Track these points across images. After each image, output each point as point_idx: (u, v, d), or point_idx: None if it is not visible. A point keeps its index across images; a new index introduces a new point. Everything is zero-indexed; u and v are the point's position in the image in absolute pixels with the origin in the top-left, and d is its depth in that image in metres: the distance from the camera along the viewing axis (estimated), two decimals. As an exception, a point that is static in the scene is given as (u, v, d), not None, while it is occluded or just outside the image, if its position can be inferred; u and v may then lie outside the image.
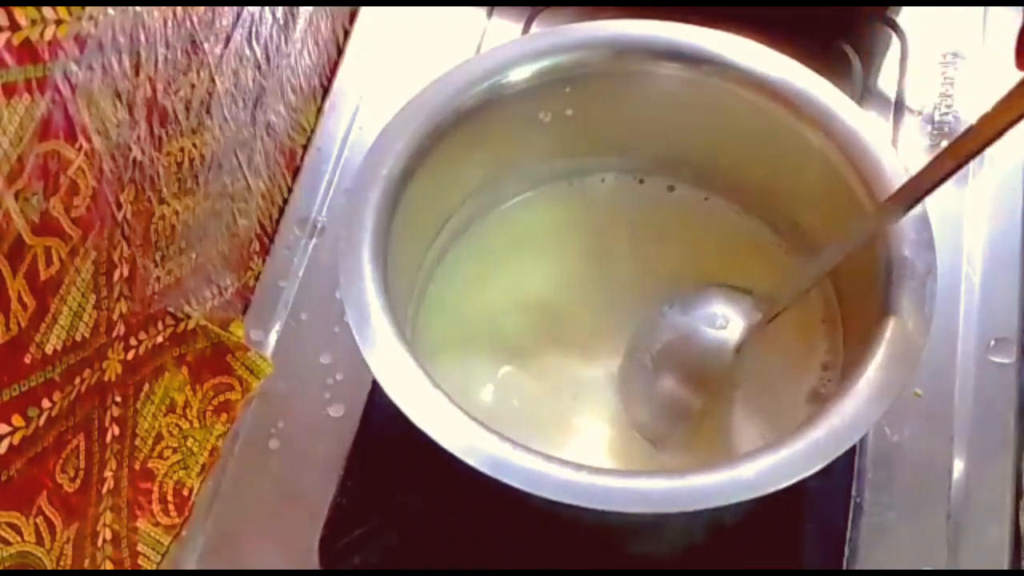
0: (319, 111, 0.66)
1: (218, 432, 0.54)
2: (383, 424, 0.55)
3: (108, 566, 0.49)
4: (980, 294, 0.57)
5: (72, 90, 0.38)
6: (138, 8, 0.42)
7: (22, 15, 0.34)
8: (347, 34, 0.68)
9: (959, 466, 0.53)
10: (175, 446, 0.53)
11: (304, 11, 0.61)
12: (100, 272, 0.43)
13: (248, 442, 0.56)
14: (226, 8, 0.50)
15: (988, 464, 0.53)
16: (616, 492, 0.40)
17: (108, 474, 0.48)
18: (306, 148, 0.64)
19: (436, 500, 0.53)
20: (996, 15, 0.66)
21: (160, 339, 0.50)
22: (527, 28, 0.67)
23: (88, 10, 0.38)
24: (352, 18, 0.69)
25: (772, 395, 0.51)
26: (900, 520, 0.52)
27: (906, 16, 0.67)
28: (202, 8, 0.48)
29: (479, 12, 0.69)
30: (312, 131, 0.65)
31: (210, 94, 0.50)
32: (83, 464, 0.45)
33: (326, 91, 0.66)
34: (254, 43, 0.54)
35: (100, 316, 0.43)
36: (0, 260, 0.36)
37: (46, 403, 0.41)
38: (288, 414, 0.56)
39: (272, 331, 0.59)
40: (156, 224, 0.47)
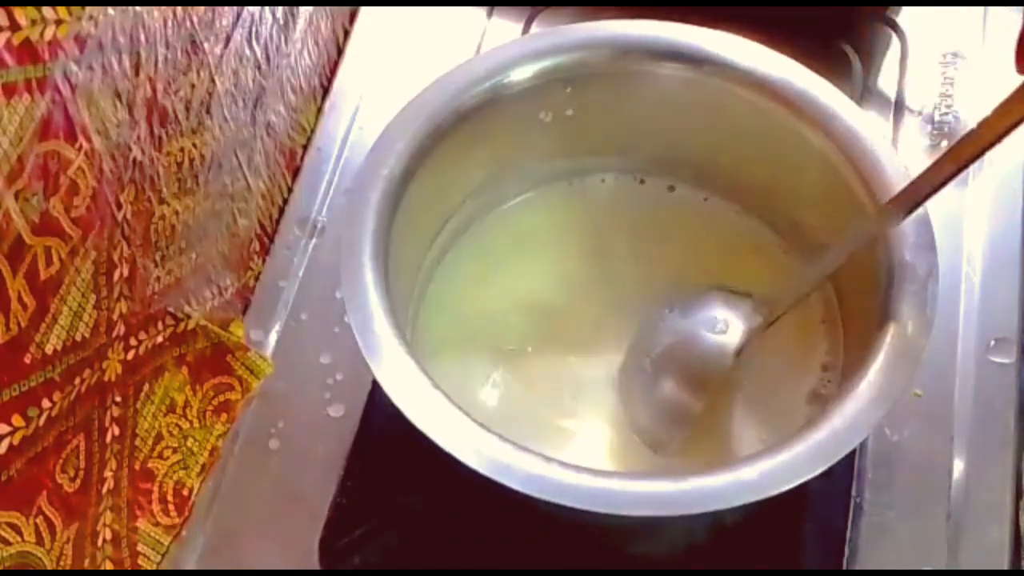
0: (319, 111, 0.66)
1: (218, 432, 0.54)
2: (383, 424, 0.55)
3: (108, 566, 0.49)
4: (980, 294, 0.57)
5: (72, 90, 0.38)
6: (138, 8, 0.42)
7: (22, 15, 0.34)
8: (347, 34, 0.68)
9: (959, 466, 0.53)
10: (175, 446, 0.53)
11: (304, 11, 0.61)
12: (100, 272, 0.43)
13: (248, 442, 0.56)
14: (226, 8, 0.50)
15: (988, 464, 0.53)
16: (617, 495, 0.40)
17: (108, 474, 0.48)
18: (306, 148, 0.64)
19: (436, 500, 0.53)
20: (996, 15, 0.66)
21: (160, 339, 0.50)
22: (527, 28, 0.67)
23: (88, 10, 0.38)
24: (352, 18, 0.69)
25: (772, 396, 0.51)
26: (900, 520, 0.52)
27: (906, 16, 0.66)
28: (202, 8, 0.48)
29: (479, 12, 0.69)
30: (312, 131, 0.65)
31: (210, 94, 0.50)
32: (83, 464, 0.45)
33: (326, 91, 0.66)
34: (254, 43, 0.54)
35: (100, 316, 0.43)
36: (0, 260, 0.36)
37: (46, 403, 0.41)
38: (288, 414, 0.56)
39: (272, 331, 0.59)
40: (156, 224, 0.47)
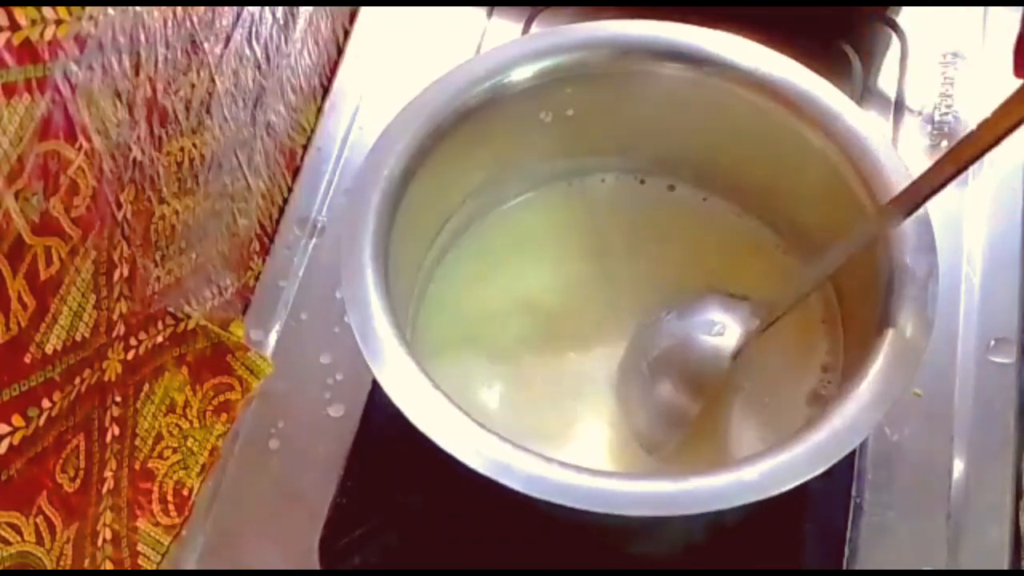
0: (319, 111, 0.66)
1: (218, 432, 0.54)
2: (383, 424, 0.55)
3: (108, 566, 0.49)
4: (980, 294, 0.57)
5: (72, 90, 0.38)
6: (138, 8, 0.42)
7: (22, 15, 0.34)
8: (347, 34, 0.68)
9: (959, 466, 0.53)
10: (175, 446, 0.53)
11: (304, 11, 0.61)
12: (100, 272, 0.43)
13: (248, 442, 0.56)
14: (226, 8, 0.50)
15: (988, 464, 0.53)
16: (617, 495, 0.40)
17: (108, 474, 0.48)
18: (306, 148, 0.64)
19: (436, 500, 0.53)
20: (996, 15, 0.66)
21: (160, 339, 0.50)
22: (527, 28, 0.67)
23: (88, 10, 0.38)
24: (352, 18, 0.69)
25: (772, 397, 0.51)
26: (900, 520, 0.52)
27: (906, 16, 0.67)
28: (202, 8, 0.48)
29: (479, 12, 0.69)
30: (312, 131, 0.65)
31: (210, 94, 0.50)
32: (83, 464, 0.45)
33: (326, 91, 0.66)
34: (254, 43, 0.54)
35: (100, 316, 0.43)
36: (0, 260, 0.36)
37: (46, 403, 0.41)
38: (288, 414, 0.56)
39: (272, 331, 0.59)
40: (156, 224, 0.47)
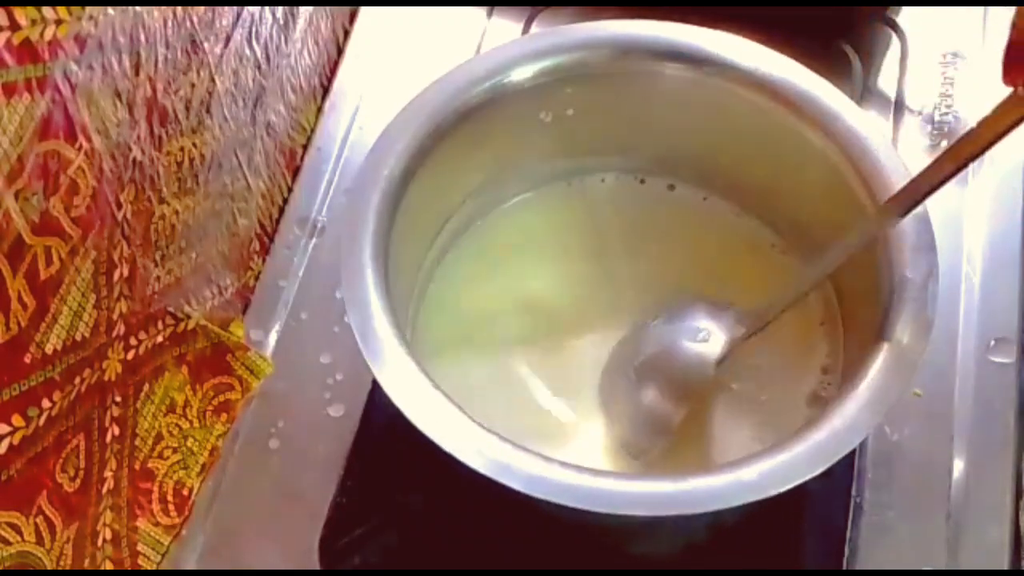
0: (319, 111, 0.66)
1: (218, 432, 0.54)
2: (383, 424, 0.55)
3: (108, 566, 0.49)
4: (980, 294, 0.57)
5: (72, 90, 0.38)
6: (138, 8, 0.42)
7: (22, 15, 0.34)
8: (347, 34, 0.68)
9: (959, 466, 0.53)
10: (175, 446, 0.53)
11: (304, 11, 0.61)
12: (100, 272, 0.43)
13: (248, 442, 0.56)
14: (226, 8, 0.50)
15: (988, 464, 0.53)
16: (617, 495, 0.40)
17: (108, 474, 0.48)
18: (306, 148, 0.64)
19: (436, 500, 0.53)
20: (996, 15, 0.66)
21: (160, 339, 0.50)
22: (527, 28, 0.67)
23: (88, 10, 0.38)
24: (352, 18, 0.69)
25: (772, 399, 0.51)
26: (900, 520, 0.52)
27: (906, 16, 0.66)
28: (202, 8, 0.48)
29: (479, 12, 0.69)
30: (312, 131, 0.65)
31: (210, 94, 0.50)
32: (83, 464, 0.45)
33: (326, 91, 0.66)
34: (254, 43, 0.54)
35: (100, 316, 0.43)
36: (0, 260, 0.36)
37: (46, 403, 0.41)
38: (288, 414, 0.56)
39: (272, 331, 0.59)
40: (156, 224, 0.47)
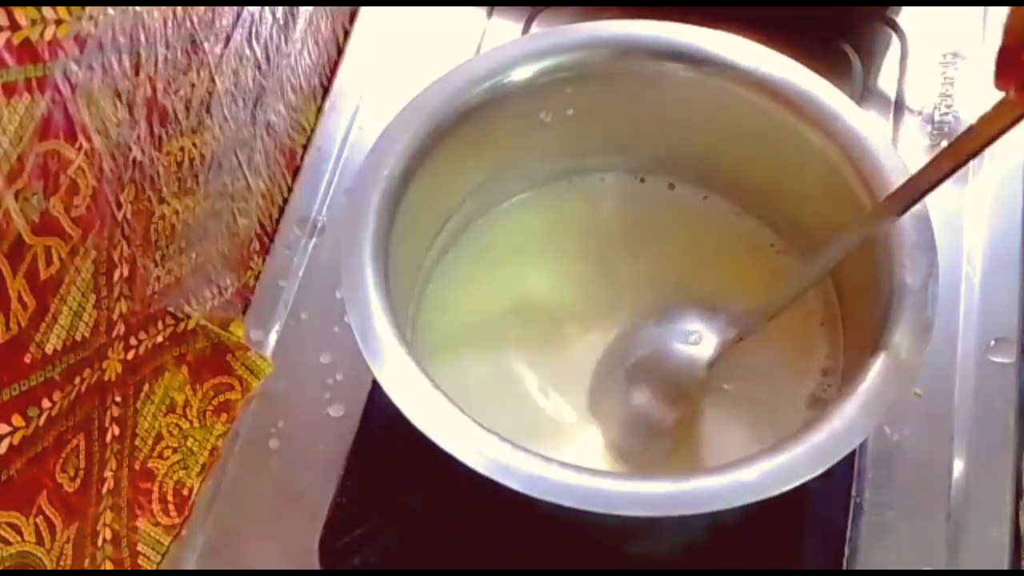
0: (319, 111, 0.66)
1: (218, 432, 0.54)
2: (383, 424, 0.55)
3: (108, 566, 0.49)
4: (980, 294, 0.57)
5: (72, 90, 0.38)
6: (138, 8, 0.42)
7: (22, 15, 0.34)
8: (347, 34, 0.68)
9: (959, 466, 0.53)
10: (175, 446, 0.53)
11: (304, 11, 0.61)
12: (100, 272, 0.43)
13: (248, 442, 0.56)
14: (226, 8, 0.50)
15: (988, 464, 0.53)
16: (617, 495, 0.40)
17: (108, 474, 0.48)
18: (306, 148, 0.64)
19: (436, 500, 0.53)
20: (996, 15, 0.66)
21: (160, 339, 0.50)
22: (527, 28, 0.67)
23: (88, 10, 0.38)
24: (352, 18, 0.69)
25: (772, 401, 0.51)
26: (900, 520, 0.52)
27: (906, 16, 0.66)
28: (202, 8, 0.48)
29: (479, 12, 0.69)
30: (312, 131, 0.65)
31: (210, 94, 0.50)
32: (83, 464, 0.45)
33: (326, 91, 0.66)
34: (254, 43, 0.54)
35: (100, 316, 0.43)
36: (0, 260, 0.36)
37: (46, 403, 0.41)
38: (288, 414, 0.56)
39: (272, 331, 0.59)
40: (156, 224, 0.47)
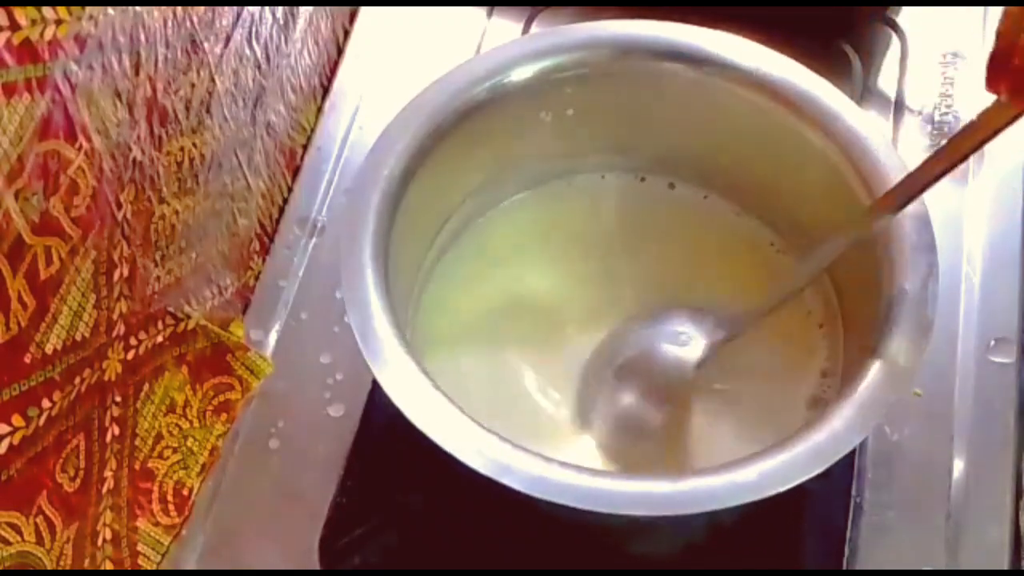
0: (319, 111, 0.66)
1: (218, 432, 0.54)
2: (383, 424, 0.55)
3: (108, 566, 0.49)
4: (980, 294, 0.57)
5: (72, 90, 0.38)
6: (138, 8, 0.42)
7: (22, 15, 0.34)
8: (347, 34, 0.68)
9: (959, 466, 0.53)
10: (175, 446, 0.53)
11: (304, 11, 0.61)
12: (100, 272, 0.43)
13: (248, 442, 0.56)
14: (226, 8, 0.50)
15: (988, 464, 0.53)
16: (617, 495, 0.40)
17: (108, 474, 0.48)
18: (306, 148, 0.64)
19: (436, 500, 0.53)
20: (996, 15, 0.65)
21: (160, 339, 0.50)
22: (527, 28, 0.67)
23: (88, 10, 0.38)
24: (352, 18, 0.69)
25: (772, 400, 0.51)
26: (900, 520, 0.52)
27: (906, 16, 0.66)
28: (202, 8, 0.48)
29: (479, 12, 0.69)
30: (312, 131, 0.65)
31: (210, 94, 0.50)
32: (83, 464, 0.45)
33: (326, 91, 0.66)
34: (254, 43, 0.54)
35: (100, 316, 0.43)
36: (0, 260, 0.36)
37: (46, 403, 0.41)
38: (288, 414, 0.56)
39: (272, 331, 0.59)
40: (156, 224, 0.47)
